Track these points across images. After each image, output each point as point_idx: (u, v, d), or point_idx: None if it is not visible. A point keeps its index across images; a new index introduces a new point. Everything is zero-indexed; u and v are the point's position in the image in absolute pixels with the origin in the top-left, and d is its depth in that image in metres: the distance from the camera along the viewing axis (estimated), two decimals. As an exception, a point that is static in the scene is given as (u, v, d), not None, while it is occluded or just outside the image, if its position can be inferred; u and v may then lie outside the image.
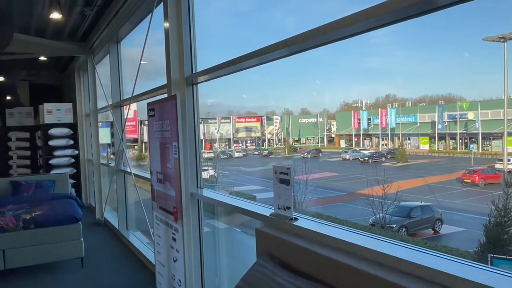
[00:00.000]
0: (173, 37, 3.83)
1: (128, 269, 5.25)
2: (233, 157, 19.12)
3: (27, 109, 10.12)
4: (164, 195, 3.81)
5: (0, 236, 4.83)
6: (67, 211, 5.33)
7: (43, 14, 6.22)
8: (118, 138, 6.65)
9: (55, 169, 9.20)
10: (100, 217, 7.86)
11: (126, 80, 6.76)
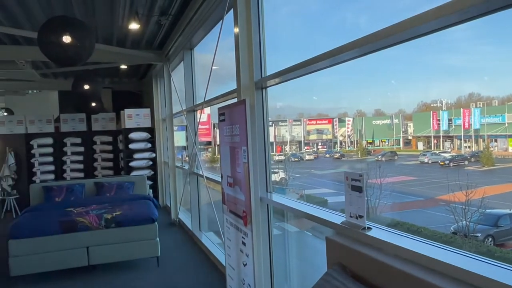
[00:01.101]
0: (243, 42, 3.85)
1: (201, 270, 5.38)
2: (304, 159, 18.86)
3: (110, 115, 10.86)
4: (234, 199, 3.84)
5: (85, 234, 5.19)
6: (144, 211, 5.59)
7: (123, 25, 6.62)
8: (191, 142, 6.87)
9: (134, 171, 9.75)
10: (175, 217, 8.17)
11: (199, 86, 6.96)
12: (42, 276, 5.19)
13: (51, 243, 5.08)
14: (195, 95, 6.96)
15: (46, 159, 10.28)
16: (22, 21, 6.13)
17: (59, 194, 6.58)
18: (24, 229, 5.02)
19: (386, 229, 2.35)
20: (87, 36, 3.62)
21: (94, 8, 5.86)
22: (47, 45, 3.50)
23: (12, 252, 4.94)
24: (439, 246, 2.01)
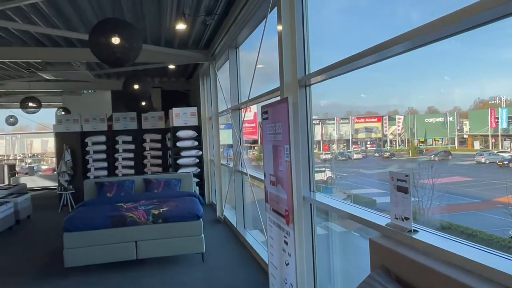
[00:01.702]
0: (286, 40, 3.81)
1: (244, 267, 5.41)
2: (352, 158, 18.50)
3: (159, 113, 11.19)
4: (276, 197, 3.81)
5: (133, 228, 5.37)
6: (190, 208, 5.69)
7: (171, 26, 6.78)
8: (236, 140, 6.92)
9: (182, 168, 9.98)
10: (220, 214, 8.27)
11: (245, 84, 7.00)
12: (93, 268, 5.44)
13: (102, 237, 5.29)
14: (240, 93, 7.00)
15: (100, 156, 10.76)
16: (76, 25, 6.44)
17: (110, 190, 6.86)
18: (77, 222, 5.27)
19: (434, 232, 2.23)
20: (135, 38, 3.72)
21: (143, 10, 6.04)
22: (97, 46, 3.64)
23: (66, 244, 5.21)
24: (494, 252, 1.88)
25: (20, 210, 8.74)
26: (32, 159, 18.65)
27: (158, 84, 12.46)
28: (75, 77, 9.61)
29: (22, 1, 5.14)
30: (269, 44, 5.13)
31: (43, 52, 7.74)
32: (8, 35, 6.95)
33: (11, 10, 5.64)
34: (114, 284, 4.95)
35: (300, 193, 3.58)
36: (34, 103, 10.89)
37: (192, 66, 10.37)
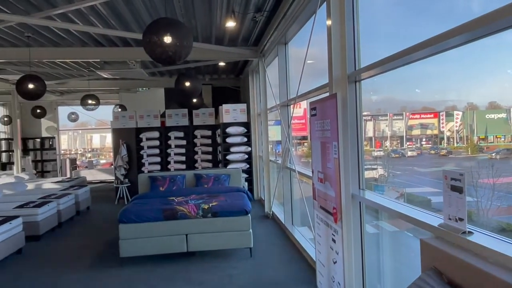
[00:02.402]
0: (336, 34, 3.75)
1: (292, 264, 5.40)
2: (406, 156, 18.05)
3: (210, 110, 11.41)
4: (324, 194, 3.77)
5: (184, 222, 5.53)
6: (238, 203, 5.77)
7: (221, 24, 6.88)
8: (284, 136, 6.91)
9: (231, 164, 10.13)
10: (269, 210, 8.31)
11: (294, 80, 6.96)
12: (146, 259, 5.66)
13: (155, 229, 5.50)
14: (289, 89, 6.98)
15: (153, 151, 11.16)
16: (132, 25, 6.70)
17: (163, 184, 7.10)
18: (131, 215, 5.50)
19: (491, 234, 2.11)
20: (186, 36, 3.81)
21: (194, 9, 6.17)
22: (150, 45, 3.77)
23: (122, 235, 5.46)
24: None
25: (81, 201, 9.26)
26: (91, 153, 19.67)
27: (208, 81, 12.70)
28: (130, 75, 10.02)
29: (82, 3, 5.43)
30: (319, 39, 5.07)
31: (101, 52, 8.13)
32: (70, 37, 7.37)
33: (72, 13, 5.97)
34: (166, 275, 5.13)
35: (348, 191, 3.51)
36: (93, 101, 11.47)
37: (242, 63, 10.47)
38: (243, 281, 4.86)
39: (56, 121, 16.59)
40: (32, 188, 10.34)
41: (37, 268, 5.66)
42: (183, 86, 6.91)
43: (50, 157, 16.33)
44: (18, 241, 6.20)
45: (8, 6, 5.64)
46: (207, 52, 8.02)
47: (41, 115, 14.29)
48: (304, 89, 5.54)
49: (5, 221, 5.97)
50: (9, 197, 8.66)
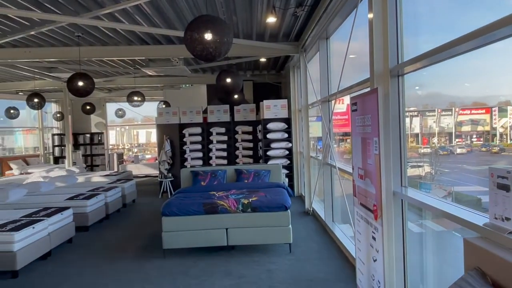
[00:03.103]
0: (377, 27, 3.66)
1: (332, 261, 5.35)
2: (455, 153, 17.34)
3: (250, 106, 11.48)
4: (364, 191, 3.71)
5: (224, 216, 5.61)
6: (278, 199, 5.78)
7: (262, 20, 6.90)
8: (325, 132, 6.84)
9: (272, 160, 10.16)
10: (309, 207, 8.26)
11: (335, 75, 6.86)
12: (188, 251, 5.81)
13: (196, 223, 5.62)
14: (330, 85, 6.89)
15: (196, 147, 11.39)
16: (175, 23, 6.85)
17: (204, 179, 7.24)
18: (173, 208, 5.65)
19: (542, 236, 2.00)
20: (225, 33, 3.86)
21: (235, 6, 6.22)
22: (191, 42, 3.84)
23: (164, 227, 5.63)
24: None
25: (127, 194, 9.62)
26: (137, 148, 20.32)
27: (250, 77, 12.77)
28: (174, 72, 10.26)
29: (128, 3, 5.61)
30: (362, 32, 4.97)
31: (146, 50, 8.38)
32: (117, 36, 7.64)
33: (118, 12, 6.18)
34: (206, 268, 5.24)
35: (390, 188, 3.43)
36: (138, 97, 11.85)
37: (283, 58, 10.44)
38: (282, 276, 4.87)
39: (104, 117, 17.30)
40: (82, 181, 10.86)
41: (86, 257, 5.95)
42: (224, 82, 6.99)
43: (99, 152, 17.07)
44: (69, 231, 6.54)
45: (59, 7, 5.93)
46: (248, 48, 8.07)
47: (91, 111, 14.95)
48: (347, 84, 5.46)
49: (57, 211, 6.32)
50: (61, 189, 9.14)
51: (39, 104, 11.35)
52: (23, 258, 5.20)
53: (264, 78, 12.71)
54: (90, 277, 5.11)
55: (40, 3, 5.72)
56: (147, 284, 4.78)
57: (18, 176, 12.55)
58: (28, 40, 7.70)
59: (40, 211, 6.35)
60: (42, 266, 5.54)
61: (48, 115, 17.30)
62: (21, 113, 14.22)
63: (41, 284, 4.94)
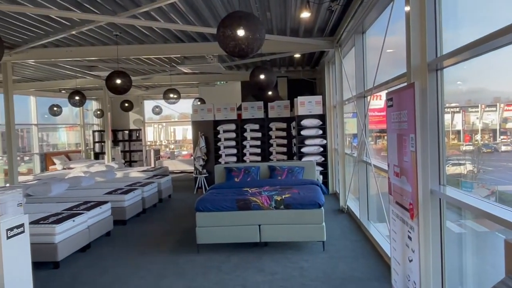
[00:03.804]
0: (415, 20, 3.53)
1: (366, 260, 5.25)
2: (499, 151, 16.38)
3: (285, 102, 11.43)
4: (400, 189, 3.60)
5: (257, 213, 5.62)
6: (311, 196, 5.72)
7: (296, 15, 6.83)
8: (360, 129, 6.70)
9: (306, 157, 10.08)
10: (343, 204, 8.14)
11: (371, 70, 6.71)
12: (221, 247, 5.86)
13: (229, 219, 5.66)
14: (366, 80, 6.74)
15: (230, 143, 11.47)
16: (209, 20, 6.90)
17: (238, 175, 7.27)
18: (207, 204, 5.71)
19: None
20: (258, 29, 3.84)
21: (269, 1, 6.19)
22: (224, 39, 3.85)
23: (198, 223, 5.70)
24: None
25: (163, 190, 9.82)
26: (174, 145, 20.70)
27: (284, 73, 12.70)
28: (208, 69, 10.35)
29: (163, 1, 5.70)
30: (399, 26, 4.82)
31: (181, 48, 8.50)
32: (153, 34, 7.79)
33: (154, 11, 6.30)
34: (239, 263, 5.26)
35: (427, 186, 3.31)
36: (174, 94, 12.06)
37: (318, 54, 10.32)
38: (315, 274, 4.82)
39: (142, 114, 17.73)
40: (121, 176, 11.18)
41: (123, 250, 6.12)
42: (258, 78, 6.99)
43: (137, 148, 17.54)
44: (107, 224, 6.75)
45: (98, 7, 6.10)
46: (282, 44, 8.02)
47: (129, 108, 15.36)
48: (384, 79, 5.33)
49: (97, 205, 6.53)
50: (100, 184, 9.45)
51: (80, 101, 11.78)
52: (64, 249, 5.41)
53: (299, 74, 12.61)
54: (127, 269, 5.25)
55: (80, 4, 5.91)
56: (181, 278, 4.86)
57: (61, 171, 13.09)
58: (69, 39, 7.99)
59: (80, 204, 6.59)
60: (82, 258, 5.75)
61: (89, 113, 17.92)
62: (64, 110, 14.82)
63: (81, 275, 5.12)
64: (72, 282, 4.91)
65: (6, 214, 3.73)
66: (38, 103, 15.08)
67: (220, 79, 13.53)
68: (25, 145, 15.13)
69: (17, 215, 3.88)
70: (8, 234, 3.72)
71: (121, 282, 4.82)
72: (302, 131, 10.17)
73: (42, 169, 15.05)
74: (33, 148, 15.12)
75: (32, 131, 15.03)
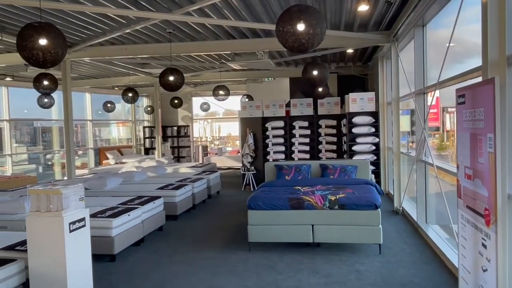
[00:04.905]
0: (493, 10, 3.25)
1: (426, 265, 4.98)
2: None
3: (335, 99, 11.16)
4: (472, 193, 3.34)
5: (310, 212, 5.48)
6: (367, 197, 5.51)
7: (352, 9, 6.59)
8: (419, 127, 6.38)
9: (357, 155, 9.80)
10: (398, 206, 7.82)
11: (431, 66, 6.37)
12: (272, 246, 5.77)
13: (282, 218, 5.55)
14: (425, 76, 6.40)
15: (278, 141, 11.36)
16: (262, 15, 6.80)
17: (288, 173, 7.15)
18: (259, 202, 5.64)
19: None
20: (319, 23, 3.70)
21: (325, -6, 6.01)
22: (283, 34, 3.74)
23: (250, 221, 5.64)
24: None
25: (212, 186, 9.89)
26: (219, 141, 20.90)
27: (334, 69, 12.41)
28: (258, 65, 10.29)
29: (217, -3, 5.67)
30: (462, 19, 4.51)
31: (232, 44, 8.48)
32: (205, 31, 7.81)
33: (208, 8, 6.29)
34: (292, 263, 5.15)
35: (505, 191, 3.04)
36: (224, 91, 12.11)
37: (371, 49, 9.97)
38: (372, 278, 4.62)
39: (190, 110, 18.02)
40: (170, 171, 11.39)
41: (175, 245, 6.18)
42: (311, 75, 6.83)
43: (185, 144, 17.85)
44: (160, 219, 6.86)
45: (153, 5, 6.17)
46: (335, 39, 7.79)
47: (178, 105, 15.63)
48: (442, 75, 5.02)
49: (150, 200, 6.64)
50: (152, 179, 9.65)
51: (133, 98, 12.11)
52: (120, 243, 5.53)
53: (350, 70, 12.27)
54: (180, 265, 5.29)
55: (137, 2, 6.00)
56: (233, 276, 4.82)
57: (113, 165, 13.54)
58: (124, 37, 8.17)
59: (134, 199, 6.73)
60: (137, 252, 5.85)
61: (140, 109, 18.44)
62: (116, 107, 15.33)
63: (136, 269, 5.21)
64: (128, 275, 5.00)
65: (68, 208, 3.83)
66: (93, 100, 15.70)
67: (268, 75, 13.44)
68: (79, 140, 15.79)
69: (79, 209, 3.98)
70: (70, 227, 3.82)
71: (174, 278, 4.85)
72: (353, 129, 9.89)
73: (96, 163, 15.66)
74: (88, 143, 15.75)
75: (87, 126, 15.66)
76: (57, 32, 4.27)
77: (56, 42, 4.20)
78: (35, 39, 4.12)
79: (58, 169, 15.27)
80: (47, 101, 11.12)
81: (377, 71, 9.96)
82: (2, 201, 6.26)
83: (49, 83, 8.21)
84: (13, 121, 12.80)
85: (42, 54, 4.15)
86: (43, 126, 15.06)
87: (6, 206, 6.02)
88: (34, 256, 3.79)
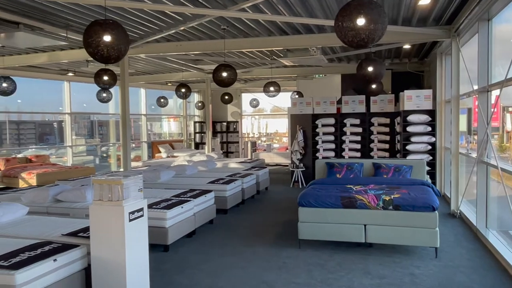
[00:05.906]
0: None
1: (486, 271, 4.73)
2: None
3: (389, 97, 10.83)
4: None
5: (363, 212, 5.36)
6: (424, 198, 5.31)
7: (412, 3, 6.36)
8: (482, 127, 6.06)
9: (411, 155, 9.48)
10: (455, 209, 7.48)
11: (496, 62, 6.01)
12: (323, 244, 5.72)
13: (333, 216, 5.48)
14: (490, 73, 6.06)
15: (328, 138, 11.23)
16: (316, 11, 6.72)
17: (340, 171, 7.04)
18: (310, 199, 5.59)
19: None
20: (380, 17, 3.59)
21: (383, -12, 5.84)
22: (342, 29, 3.67)
23: (301, 218, 5.61)
24: None
25: (261, 182, 9.93)
26: (267, 137, 20.95)
27: (388, 66, 12.05)
28: (310, 62, 10.19)
29: (273, -7, 5.66)
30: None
31: (285, 40, 8.45)
32: (258, 27, 7.83)
33: (262, 3, 6.29)
34: (343, 263, 5.08)
35: None
36: (275, 87, 12.11)
37: (428, 45, 9.57)
38: (429, 283, 4.45)
39: (239, 106, 18.20)
40: (220, 166, 11.56)
41: (225, 238, 6.27)
42: (366, 71, 6.66)
43: (234, 139, 18.07)
44: (211, 213, 6.99)
45: (209, 1, 6.26)
46: (392, 35, 7.55)
47: (229, 101, 15.83)
48: (501, 73, 4.73)
49: (202, 194, 6.78)
50: (203, 173, 9.85)
51: (185, 94, 12.39)
52: (173, 234, 5.69)
53: (405, 67, 11.86)
54: (231, 258, 5.36)
55: (194, -1, 6.13)
56: (284, 272, 4.82)
57: (166, 159, 13.96)
58: (179, 34, 8.37)
59: (187, 192, 6.90)
60: (188, 244, 6.00)
61: (191, 104, 18.86)
62: (169, 102, 15.78)
63: (188, 260, 5.34)
64: (180, 265, 5.14)
65: (128, 198, 3.98)
66: (147, 95, 16.26)
67: (320, 72, 13.27)
68: (133, 134, 16.42)
69: (138, 200, 4.12)
70: (130, 217, 3.96)
71: (225, 271, 4.92)
72: (408, 127, 9.56)
73: (149, 156, 16.21)
74: (142, 136, 16.34)
75: (141, 120, 16.24)
76: (121, 29, 4.45)
77: (120, 38, 4.38)
78: (100, 36, 4.31)
79: (113, 161, 15.98)
80: (106, 95, 11.65)
81: (434, 67, 9.56)
82: (65, 190, 6.62)
83: (108, 78, 8.60)
84: (73, 114, 13.52)
85: (106, 50, 4.33)
86: (99, 120, 15.81)
87: (69, 194, 6.36)
88: (96, 243, 3.97)
